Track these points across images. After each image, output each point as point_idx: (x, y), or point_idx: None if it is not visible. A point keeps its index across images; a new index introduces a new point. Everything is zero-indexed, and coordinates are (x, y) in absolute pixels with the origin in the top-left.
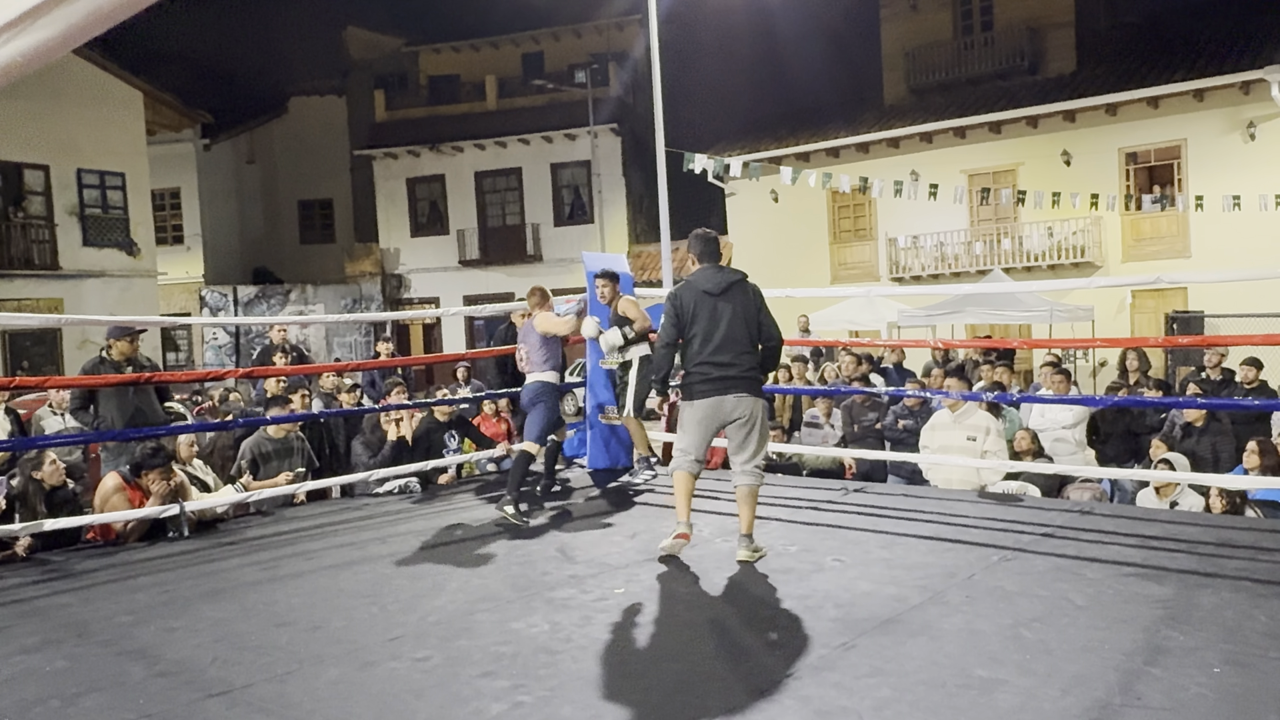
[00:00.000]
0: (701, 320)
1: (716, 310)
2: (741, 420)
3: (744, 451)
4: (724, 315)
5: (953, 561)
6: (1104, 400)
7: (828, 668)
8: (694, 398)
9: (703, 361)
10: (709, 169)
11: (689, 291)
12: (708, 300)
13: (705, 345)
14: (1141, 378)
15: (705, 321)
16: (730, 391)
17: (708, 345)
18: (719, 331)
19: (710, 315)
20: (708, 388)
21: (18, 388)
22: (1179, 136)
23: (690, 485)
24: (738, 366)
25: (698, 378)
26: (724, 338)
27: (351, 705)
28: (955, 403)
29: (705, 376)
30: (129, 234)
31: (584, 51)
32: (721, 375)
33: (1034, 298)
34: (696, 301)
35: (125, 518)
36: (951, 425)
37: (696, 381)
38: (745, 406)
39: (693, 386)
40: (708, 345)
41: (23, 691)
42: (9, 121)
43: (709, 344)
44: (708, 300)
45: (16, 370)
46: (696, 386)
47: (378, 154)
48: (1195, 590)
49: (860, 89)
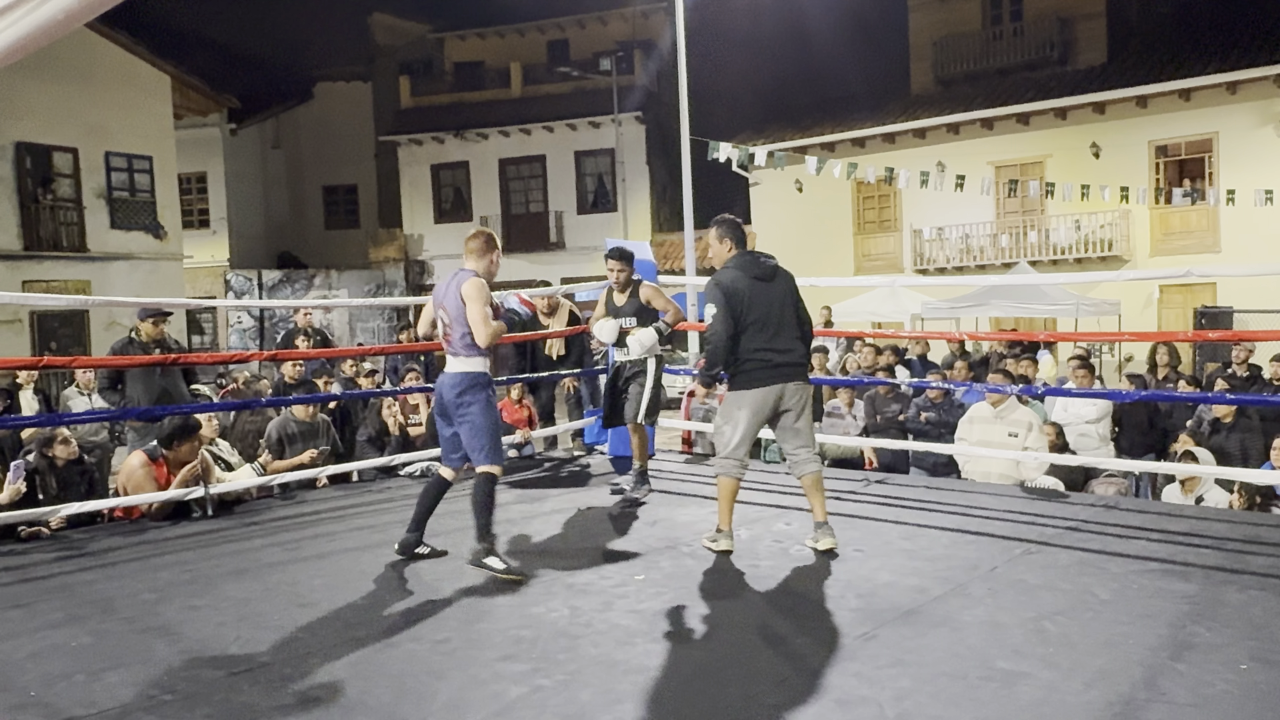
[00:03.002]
0: (757, 308)
1: (769, 297)
2: (799, 408)
3: (800, 438)
4: (776, 302)
5: (975, 554)
6: (1131, 395)
7: (848, 657)
8: (751, 386)
9: (761, 348)
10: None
11: (740, 279)
12: (760, 287)
13: (762, 332)
14: (1171, 373)
15: (761, 309)
16: (791, 379)
17: (764, 332)
18: (774, 318)
19: (765, 302)
20: (767, 375)
21: (46, 367)
22: (1211, 129)
23: (737, 490)
24: (794, 353)
25: (756, 365)
26: (780, 324)
27: (372, 685)
28: (998, 398)
29: (765, 364)
30: (156, 217)
31: (610, 39)
32: (783, 362)
33: (1060, 291)
34: (750, 289)
35: (150, 500)
36: (992, 420)
37: (755, 369)
38: (804, 393)
39: (751, 375)
40: (764, 332)
41: (48, 666)
42: (39, 104)
43: (765, 331)
44: (760, 287)
45: (45, 350)
46: (755, 374)
47: (402, 140)
48: (1222, 587)
49: (887, 79)
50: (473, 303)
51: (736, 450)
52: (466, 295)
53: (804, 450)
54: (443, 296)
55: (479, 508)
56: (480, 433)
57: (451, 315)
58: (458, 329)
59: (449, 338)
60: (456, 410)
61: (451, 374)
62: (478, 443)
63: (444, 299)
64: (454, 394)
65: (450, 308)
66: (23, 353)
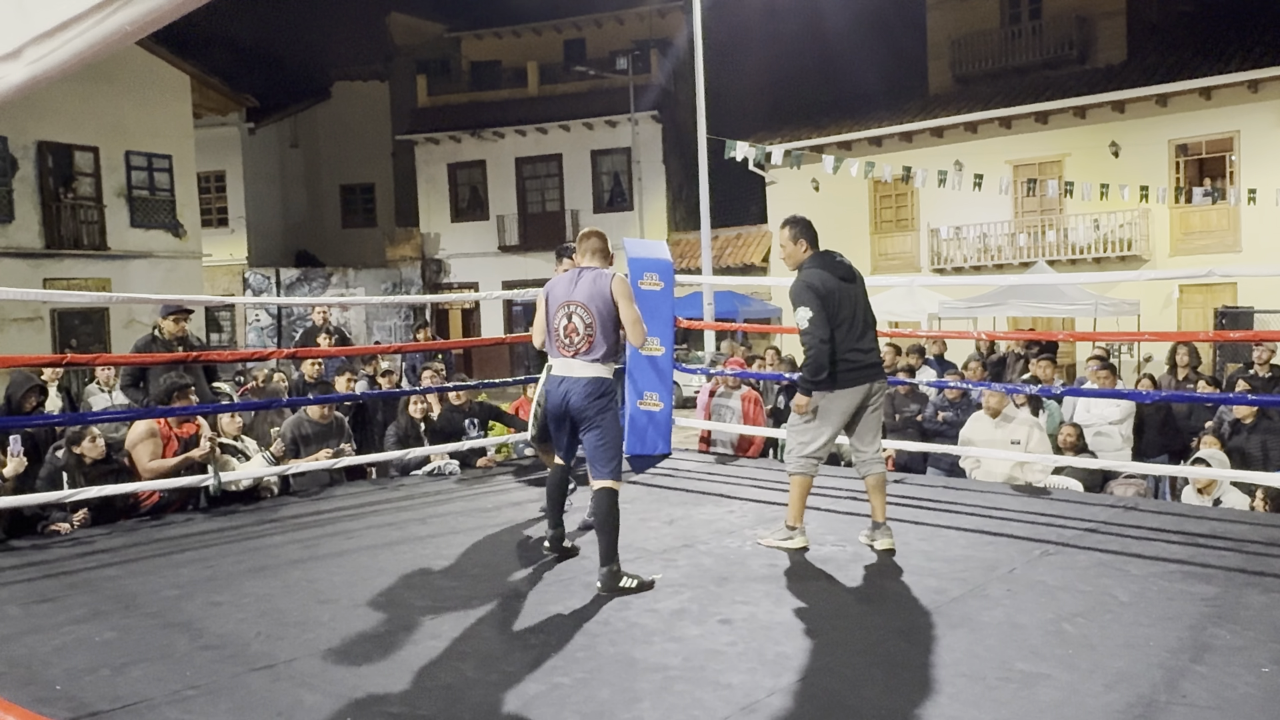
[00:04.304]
0: (845, 308)
1: (853, 296)
2: (878, 405)
3: (869, 435)
4: (858, 301)
5: (993, 555)
6: (1151, 395)
7: (866, 658)
8: (844, 386)
9: (853, 349)
10: (750, 157)
11: (828, 280)
12: (845, 287)
13: (850, 332)
14: (1191, 373)
15: (849, 308)
16: (876, 378)
17: (853, 332)
18: (860, 318)
19: (851, 302)
20: (857, 375)
21: (70, 364)
22: (1232, 128)
23: (810, 489)
24: (875, 352)
25: (847, 366)
26: (864, 324)
27: (391, 682)
28: (995, 409)
29: (856, 364)
30: (175, 216)
31: (626, 38)
32: (870, 362)
33: (1078, 291)
34: (838, 290)
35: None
36: (993, 432)
37: (846, 370)
38: (884, 392)
39: (843, 375)
40: (853, 332)
41: (73, 660)
42: (60, 104)
43: (854, 331)
44: (845, 287)
45: (65, 348)
46: (848, 375)
47: (419, 139)
48: (1243, 589)
49: (905, 77)
50: (628, 301)
51: (820, 450)
52: (619, 295)
53: (874, 450)
54: (581, 297)
55: (603, 527)
56: (610, 445)
57: (598, 317)
58: (603, 332)
59: (590, 342)
60: (587, 417)
61: (584, 379)
62: (605, 455)
63: (585, 300)
64: (587, 400)
65: (596, 309)
66: (44, 350)
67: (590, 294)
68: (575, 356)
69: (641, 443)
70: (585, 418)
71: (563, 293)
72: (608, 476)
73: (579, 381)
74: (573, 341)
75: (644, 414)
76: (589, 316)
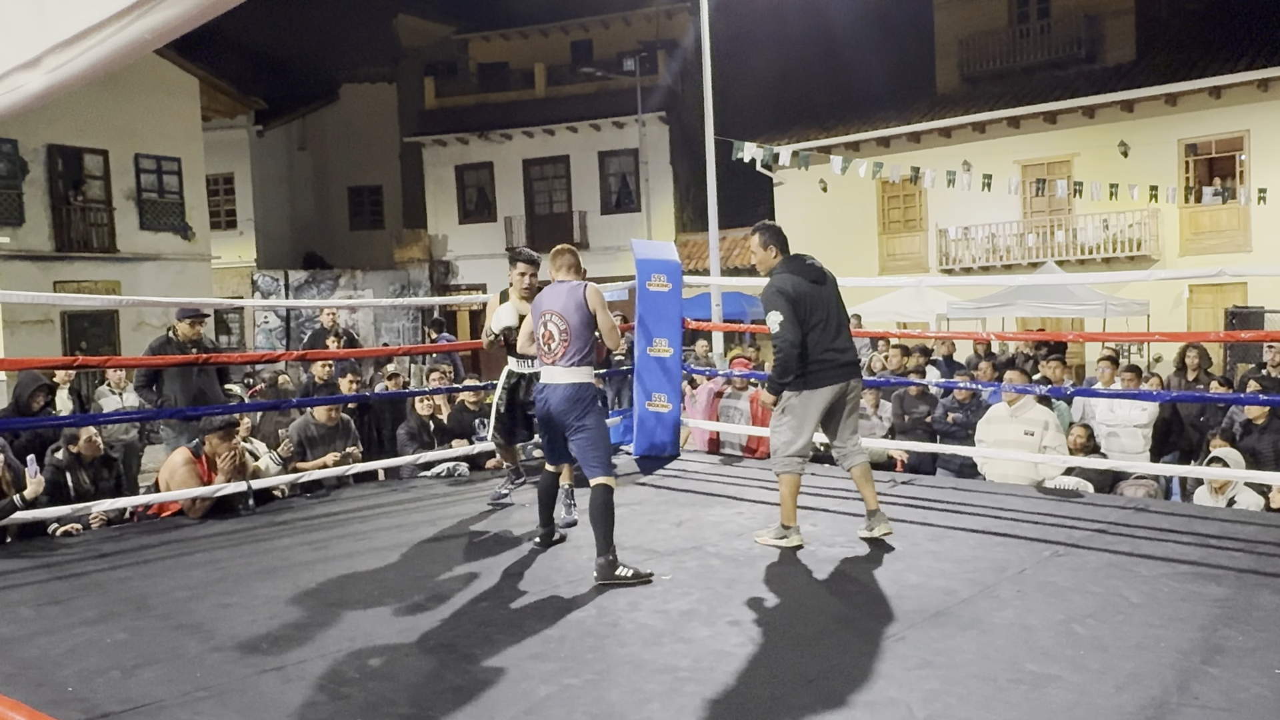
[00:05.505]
0: (818, 310)
1: (824, 299)
2: (855, 403)
3: (848, 429)
4: (831, 303)
5: (1003, 556)
6: (1162, 395)
7: (877, 659)
8: (820, 385)
9: (828, 349)
10: (758, 158)
11: (800, 283)
12: (816, 289)
13: (825, 333)
14: (1201, 374)
15: (821, 311)
16: (852, 377)
17: (827, 333)
18: (834, 318)
19: (824, 304)
20: (834, 374)
21: (81, 367)
22: (1242, 127)
23: (799, 487)
24: (851, 351)
25: (822, 366)
26: (838, 324)
27: (401, 683)
28: (1013, 396)
29: (832, 363)
30: (184, 218)
31: (633, 39)
32: (846, 361)
33: (1087, 291)
34: (809, 294)
35: (197, 494)
36: (1008, 419)
37: (822, 369)
38: (859, 389)
39: (818, 375)
40: (827, 333)
41: (84, 662)
42: (70, 107)
43: (828, 332)
44: (816, 289)
45: (75, 350)
46: (823, 374)
47: (427, 141)
48: (1255, 590)
49: (912, 77)
50: (603, 311)
51: (804, 448)
52: (595, 305)
53: (853, 443)
54: (556, 306)
55: (598, 521)
56: (597, 446)
57: (573, 325)
58: (577, 340)
59: (565, 348)
60: (570, 421)
61: (563, 385)
62: (594, 455)
63: (560, 309)
64: (568, 405)
65: (572, 318)
66: (54, 352)
67: (565, 304)
68: (554, 364)
69: (649, 443)
70: (567, 424)
71: (544, 303)
72: (601, 474)
73: (558, 388)
74: (550, 349)
75: (652, 415)
76: (563, 324)
